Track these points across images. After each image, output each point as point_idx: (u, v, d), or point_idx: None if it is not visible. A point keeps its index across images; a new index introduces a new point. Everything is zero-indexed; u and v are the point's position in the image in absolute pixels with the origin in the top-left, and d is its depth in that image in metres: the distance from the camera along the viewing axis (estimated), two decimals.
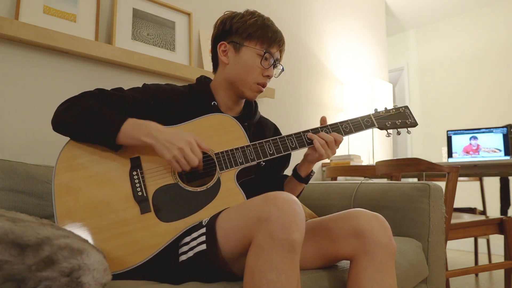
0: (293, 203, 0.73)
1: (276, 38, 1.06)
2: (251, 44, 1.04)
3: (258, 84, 1.06)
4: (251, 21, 1.04)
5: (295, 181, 1.11)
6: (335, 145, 1.02)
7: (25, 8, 1.33)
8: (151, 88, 1.03)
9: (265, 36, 1.04)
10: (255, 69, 1.04)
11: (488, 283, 2.42)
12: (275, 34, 1.05)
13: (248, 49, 1.04)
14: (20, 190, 1.04)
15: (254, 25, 1.04)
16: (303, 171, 1.09)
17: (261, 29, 1.04)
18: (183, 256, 0.83)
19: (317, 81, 2.62)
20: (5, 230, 0.53)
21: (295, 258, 0.71)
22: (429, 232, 1.31)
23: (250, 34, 1.04)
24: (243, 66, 1.05)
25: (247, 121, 1.10)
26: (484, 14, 3.79)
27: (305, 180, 1.11)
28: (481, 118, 3.69)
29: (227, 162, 0.94)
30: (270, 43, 1.05)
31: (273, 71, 1.08)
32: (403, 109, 1.12)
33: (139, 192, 0.88)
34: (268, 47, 1.05)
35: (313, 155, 1.04)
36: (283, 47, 1.10)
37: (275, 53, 1.06)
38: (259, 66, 1.04)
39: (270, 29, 1.05)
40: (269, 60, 1.05)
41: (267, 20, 1.07)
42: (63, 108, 0.92)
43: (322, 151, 1.00)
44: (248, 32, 1.04)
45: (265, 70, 1.05)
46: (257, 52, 1.04)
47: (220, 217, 0.81)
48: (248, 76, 1.05)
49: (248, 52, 1.04)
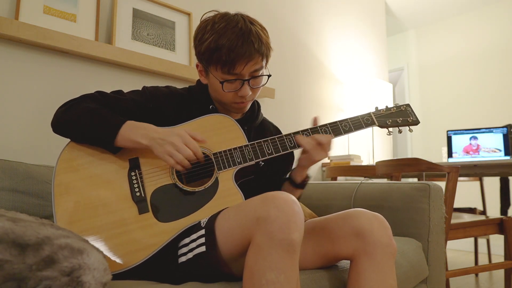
0: (292, 203, 0.73)
1: (236, 57, 0.91)
2: (212, 69, 0.96)
3: (236, 103, 1.00)
4: (205, 44, 0.93)
5: (290, 187, 1.08)
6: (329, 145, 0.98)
7: (25, 8, 1.33)
8: (150, 91, 1.03)
9: (220, 60, 0.92)
10: (223, 93, 0.97)
11: (488, 283, 2.42)
12: (232, 53, 0.90)
13: (212, 74, 0.97)
14: (20, 190, 1.04)
15: (208, 50, 0.93)
16: (298, 176, 1.06)
17: (215, 52, 0.92)
18: (182, 258, 0.83)
19: (317, 81, 2.62)
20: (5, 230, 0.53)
21: (294, 258, 0.71)
22: (429, 232, 1.31)
23: (207, 59, 0.95)
24: (214, 90, 1.00)
25: (247, 124, 1.08)
26: (484, 14, 3.79)
27: (301, 186, 1.07)
28: (481, 118, 3.69)
29: (225, 162, 0.94)
30: (229, 65, 0.92)
31: (247, 90, 0.96)
32: (405, 107, 1.10)
33: (137, 193, 0.89)
34: (229, 69, 0.93)
35: (305, 159, 1.00)
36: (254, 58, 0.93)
37: (242, 71, 0.93)
38: (223, 91, 0.96)
39: (224, 50, 0.90)
40: (238, 82, 0.95)
41: (224, 35, 0.91)
42: (62, 110, 0.93)
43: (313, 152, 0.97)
44: (205, 58, 0.95)
45: (237, 92, 0.97)
46: (218, 78, 0.96)
47: (219, 218, 0.81)
48: (222, 98, 1.00)
49: (213, 78, 0.97)
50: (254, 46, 0.92)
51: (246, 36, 0.92)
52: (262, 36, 0.96)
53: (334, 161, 2.47)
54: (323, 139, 0.97)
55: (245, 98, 0.99)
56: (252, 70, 0.95)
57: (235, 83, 0.96)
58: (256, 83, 0.99)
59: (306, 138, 0.98)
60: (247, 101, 1.00)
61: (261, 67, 0.97)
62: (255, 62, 0.95)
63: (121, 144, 0.89)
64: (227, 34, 0.91)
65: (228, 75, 0.94)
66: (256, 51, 0.93)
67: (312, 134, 0.99)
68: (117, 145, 0.89)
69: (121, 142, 0.88)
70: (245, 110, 1.06)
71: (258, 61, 0.95)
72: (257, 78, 0.98)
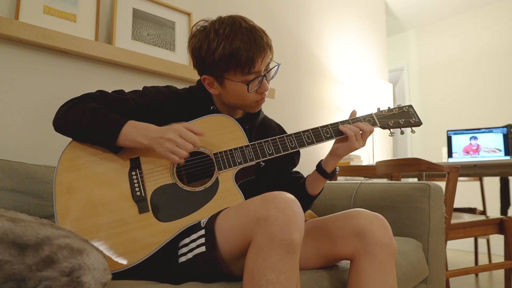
0: (292, 203, 0.73)
1: (254, 54, 0.92)
2: (231, 75, 0.95)
3: (256, 101, 1.01)
4: (219, 51, 0.92)
5: (319, 176, 1.06)
6: (368, 135, 1.01)
7: (25, 8, 1.33)
8: (151, 91, 1.03)
9: (240, 63, 0.92)
10: (247, 95, 0.97)
11: (488, 283, 2.42)
12: (250, 52, 0.92)
13: (230, 81, 0.96)
14: (20, 190, 1.04)
15: (223, 57, 0.92)
16: (330, 165, 1.04)
17: (232, 57, 0.92)
18: (182, 258, 0.83)
19: (317, 81, 2.62)
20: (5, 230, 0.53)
21: (294, 258, 0.71)
22: (429, 232, 1.31)
23: (225, 67, 0.94)
24: (234, 95, 0.99)
25: (248, 124, 1.08)
26: (484, 14, 3.79)
27: (330, 176, 1.06)
28: (481, 118, 3.69)
29: (225, 162, 0.94)
30: (250, 65, 0.93)
31: (266, 84, 0.99)
32: (407, 108, 1.10)
33: (138, 192, 0.89)
34: (249, 69, 0.93)
35: (343, 148, 1.01)
36: (267, 52, 0.96)
37: (260, 67, 0.95)
38: (248, 92, 0.97)
39: (242, 51, 0.91)
40: (257, 80, 0.96)
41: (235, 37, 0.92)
42: (64, 109, 0.93)
43: (353, 140, 0.99)
44: (222, 66, 0.94)
45: (257, 90, 0.98)
46: (240, 82, 0.96)
47: (219, 218, 0.81)
48: (244, 101, 1.00)
49: (233, 84, 0.96)
50: (263, 40, 0.95)
51: (254, 33, 0.94)
52: (262, 29, 0.98)
53: None
54: (366, 127, 1.00)
55: (264, 94, 1.01)
56: (266, 64, 0.98)
57: (255, 82, 0.97)
58: (269, 76, 1.01)
59: (348, 125, 1.01)
60: (265, 96, 1.03)
61: (270, 59, 1.00)
62: (267, 56, 0.97)
63: (122, 143, 0.89)
64: (238, 36, 0.92)
65: (249, 75, 0.95)
66: (266, 44, 0.96)
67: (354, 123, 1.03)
68: (118, 145, 0.89)
69: (123, 141, 0.89)
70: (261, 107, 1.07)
71: (268, 54, 0.98)
72: (270, 70, 1.00)
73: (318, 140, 1.00)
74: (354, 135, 0.99)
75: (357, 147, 1.00)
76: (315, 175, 1.07)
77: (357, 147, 1.00)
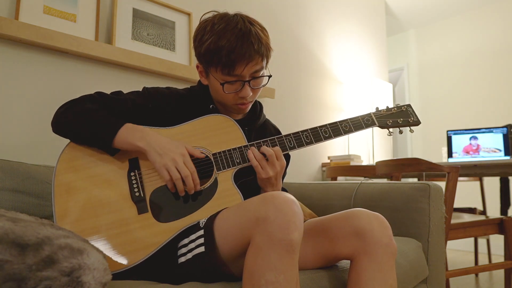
0: (291, 203, 0.73)
1: (236, 58, 0.90)
2: (213, 71, 0.96)
3: (236, 104, 1.00)
4: (205, 45, 0.93)
5: None
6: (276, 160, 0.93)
7: (25, 8, 1.33)
8: (150, 91, 1.03)
9: (220, 62, 0.91)
10: (224, 94, 0.97)
11: (488, 283, 2.42)
12: (232, 55, 0.90)
13: (212, 75, 0.96)
14: (20, 190, 1.04)
15: (207, 51, 0.92)
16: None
17: (215, 53, 0.91)
18: (182, 258, 0.83)
19: (317, 81, 2.62)
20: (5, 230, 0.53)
21: (293, 258, 0.71)
22: (429, 232, 1.31)
23: (207, 61, 0.94)
24: (215, 91, 1.00)
25: (249, 125, 1.08)
26: (484, 14, 3.79)
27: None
28: (481, 118, 3.69)
29: (224, 163, 0.94)
30: (229, 67, 0.91)
31: (248, 90, 0.96)
32: (406, 108, 1.10)
33: (137, 193, 0.89)
34: (229, 71, 0.92)
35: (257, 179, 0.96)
36: (254, 59, 0.92)
37: (242, 72, 0.93)
38: (224, 92, 0.96)
39: (224, 51, 0.90)
40: (238, 83, 0.95)
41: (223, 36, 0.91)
42: (62, 110, 0.93)
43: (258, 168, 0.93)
44: (206, 59, 0.95)
45: (238, 93, 0.96)
46: (218, 80, 0.95)
47: (218, 218, 0.81)
48: (223, 100, 1.00)
49: (213, 79, 0.97)
50: (253, 47, 0.92)
51: (246, 37, 0.91)
52: (262, 36, 0.95)
53: (334, 161, 2.47)
54: (267, 151, 0.93)
55: (246, 99, 0.99)
56: (253, 71, 0.95)
57: (236, 84, 0.95)
58: (256, 84, 0.98)
59: (254, 151, 0.94)
60: (248, 102, 1.00)
61: (261, 67, 0.97)
62: (255, 63, 0.94)
63: (118, 146, 0.89)
64: (227, 35, 0.91)
65: (228, 77, 0.94)
66: (256, 52, 0.92)
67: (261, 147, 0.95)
68: (115, 147, 0.89)
69: (119, 144, 0.89)
70: (246, 111, 1.06)
71: (258, 62, 0.94)
72: (257, 78, 0.97)
73: (317, 140, 1.00)
74: (258, 163, 0.93)
75: (264, 177, 0.93)
76: None
77: (264, 177, 0.93)
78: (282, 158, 0.96)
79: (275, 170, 0.94)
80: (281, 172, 0.96)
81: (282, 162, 0.95)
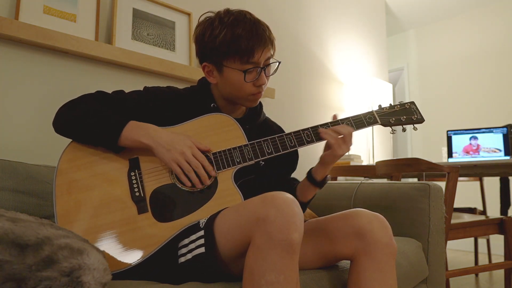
0: (291, 203, 0.73)
1: (254, 44, 0.94)
2: (229, 63, 0.96)
3: (253, 94, 1.01)
4: (220, 38, 0.94)
5: (309, 185, 1.04)
6: (350, 138, 0.96)
7: (25, 8, 1.33)
8: (151, 91, 1.03)
9: (239, 50, 0.93)
10: (243, 85, 0.97)
11: (488, 283, 2.42)
12: (251, 41, 0.93)
13: (228, 68, 0.97)
14: (20, 190, 1.04)
15: (224, 42, 0.94)
16: (319, 174, 1.02)
17: (232, 43, 0.93)
18: (182, 258, 0.83)
19: (317, 81, 2.62)
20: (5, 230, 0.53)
21: (294, 258, 0.71)
22: (429, 232, 1.31)
23: (224, 52, 0.95)
24: (231, 84, 0.99)
25: (249, 124, 1.07)
26: (484, 14, 3.79)
27: (320, 184, 1.03)
28: (481, 118, 3.69)
29: (224, 162, 0.94)
30: (249, 53, 0.94)
31: (264, 78, 0.99)
32: (409, 105, 1.07)
33: (137, 193, 0.89)
34: (248, 58, 0.94)
35: (329, 156, 0.98)
36: (268, 45, 0.97)
37: (259, 58, 0.96)
38: (245, 82, 0.97)
39: (243, 39, 0.93)
40: (255, 71, 0.97)
41: (238, 26, 0.94)
42: (64, 110, 0.93)
43: (336, 146, 0.95)
44: (222, 51, 0.95)
45: (255, 82, 0.98)
46: (238, 70, 0.96)
47: (218, 218, 0.81)
48: (239, 92, 1.00)
49: (231, 71, 0.97)
50: (266, 34, 0.96)
51: (258, 25, 0.96)
52: (267, 25, 1.00)
53: None
54: (343, 130, 0.97)
55: (262, 88, 1.00)
56: (266, 57, 0.98)
57: (253, 73, 0.97)
58: (269, 71, 1.02)
59: (328, 131, 0.97)
60: (263, 90, 1.02)
61: (271, 55, 1.01)
62: (268, 49, 0.98)
63: (124, 143, 0.89)
64: (241, 24, 0.94)
65: (247, 65, 0.95)
66: (268, 38, 0.97)
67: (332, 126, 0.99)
68: (120, 145, 0.89)
69: (124, 141, 0.89)
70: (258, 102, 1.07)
71: (270, 49, 0.99)
72: (269, 66, 1.01)
73: (318, 139, 1.00)
74: (335, 141, 0.96)
75: (341, 154, 0.96)
76: (306, 182, 1.05)
77: (341, 154, 0.96)
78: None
79: (349, 148, 0.98)
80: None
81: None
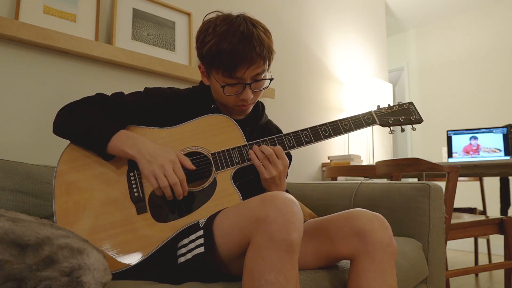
0: (291, 203, 0.73)
1: (237, 62, 0.89)
2: (214, 72, 0.95)
3: (238, 106, 0.99)
4: (207, 47, 0.92)
5: None
6: (277, 159, 0.92)
7: (25, 8, 1.33)
8: (152, 91, 1.03)
9: (221, 65, 0.91)
10: (224, 96, 0.96)
11: (488, 283, 2.42)
12: (234, 58, 0.89)
13: (213, 77, 0.96)
14: (20, 190, 1.04)
15: (209, 53, 0.92)
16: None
17: (217, 56, 0.90)
18: (181, 258, 0.83)
19: (317, 81, 2.62)
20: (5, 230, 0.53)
21: (293, 258, 0.71)
22: (429, 232, 1.31)
23: (209, 62, 0.94)
24: (215, 92, 1.00)
25: (250, 125, 1.07)
26: (484, 14, 3.79)
27: None
28: (481, 118, 3.69)
29: (223, 162, 0.94)
30: (231, 70, 0.90)
31: (249, 93, 0.95)
32: (407, 105, 1.08)
33: (136, 193, 0.89)
34: (230, 74, 0.91)
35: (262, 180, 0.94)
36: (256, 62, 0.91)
37: (243, 75, 0.92)
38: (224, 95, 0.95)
39: (226, 54, 0.89)
40: (239, 86, 0.94)
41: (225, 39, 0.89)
42: (63, 112, 0.95)
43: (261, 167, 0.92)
44: (207, 61, 0.94)
45: (238, 95, 0.96)
46: (219, 82, 0.95)
47: (218, 218, 0.81)
48: (224, 101, 0.99)
49: (214, 80, 0.96)
50: (255, 50, 0.90)
51: (248, 40, 0.90)
52: (264, 39, 0.94)
53: (334, 161, 2.47)
54: (266, 151, 0.92)
55: (246, 102, 0.98)
56: (254, 74, 0.94)
57: (237, 87, 0.95)
58: (257, 87, 0.98)
59: (251, 151, 0.94)
60: (248, 104, 1.00)
61: (263, 70, 0.96)
62: (257, 66, 0.93)
63: (112, 152, 0.89)
64: (228, 37, 0.89)
65: (229, 79, 0.93)
66: (257, 55, 0.91)
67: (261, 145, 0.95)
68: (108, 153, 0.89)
69: (112, 150, 0.89)
70: (247, 113, 1.06)
71: (260, 65, 0.93)
72: (259, 81, 0.96)
73: (317, 139, 1.00)
74: (261, 163, 0.92)
75: (267, 177, 0.92)
76: None
77: (267, 177, 0.92)
78: (284, 157, 0.95)
79: (278, 170, 0.92)
80: (285, 171, 0.95)
81: (285, 161, 0.95)
